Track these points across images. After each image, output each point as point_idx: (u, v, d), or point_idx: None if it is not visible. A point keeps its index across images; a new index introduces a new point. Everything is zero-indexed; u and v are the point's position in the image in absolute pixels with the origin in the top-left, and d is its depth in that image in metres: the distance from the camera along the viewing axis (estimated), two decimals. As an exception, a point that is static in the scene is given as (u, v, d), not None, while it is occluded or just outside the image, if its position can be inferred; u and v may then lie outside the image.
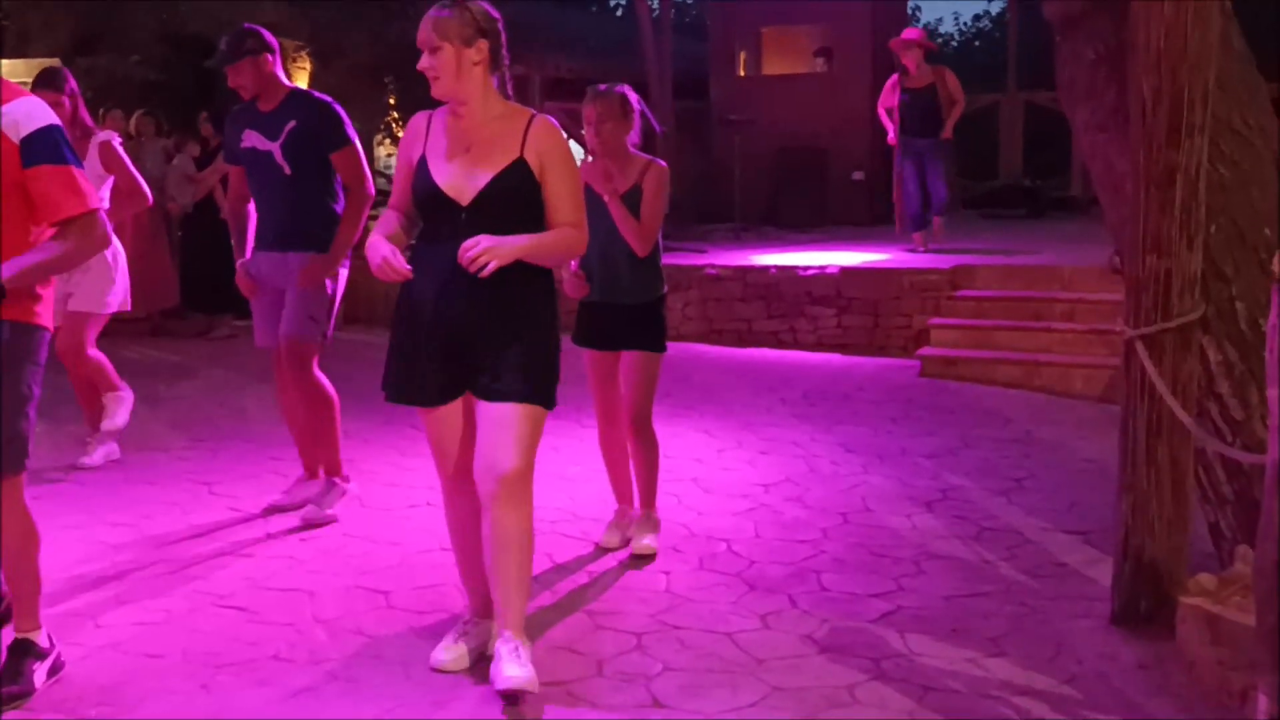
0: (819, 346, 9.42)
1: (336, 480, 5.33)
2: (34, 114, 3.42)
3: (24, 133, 3.37)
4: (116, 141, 5.95)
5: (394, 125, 14.13)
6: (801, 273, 9.54)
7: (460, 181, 3.46)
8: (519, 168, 3.44)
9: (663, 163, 4.72)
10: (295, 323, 5.15)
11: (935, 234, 10.47)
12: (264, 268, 5.27)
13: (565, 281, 4.65)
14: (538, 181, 3.46)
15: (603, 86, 4.63)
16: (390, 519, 5.27)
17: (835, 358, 9.19)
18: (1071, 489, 5.76)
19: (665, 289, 4.85)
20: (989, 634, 4.00)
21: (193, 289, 10.74)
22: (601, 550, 4.86)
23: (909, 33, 10.52)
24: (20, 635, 3.58)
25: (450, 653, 3.71)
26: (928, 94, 10.32)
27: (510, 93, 3.56)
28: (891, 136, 10.52)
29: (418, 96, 14.76)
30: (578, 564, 4.70)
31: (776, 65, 14.32)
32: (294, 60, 15.36)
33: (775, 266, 9.68)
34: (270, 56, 5.16)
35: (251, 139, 5.22)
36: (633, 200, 4.58)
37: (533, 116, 3.51)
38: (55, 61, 9.05)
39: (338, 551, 4.84)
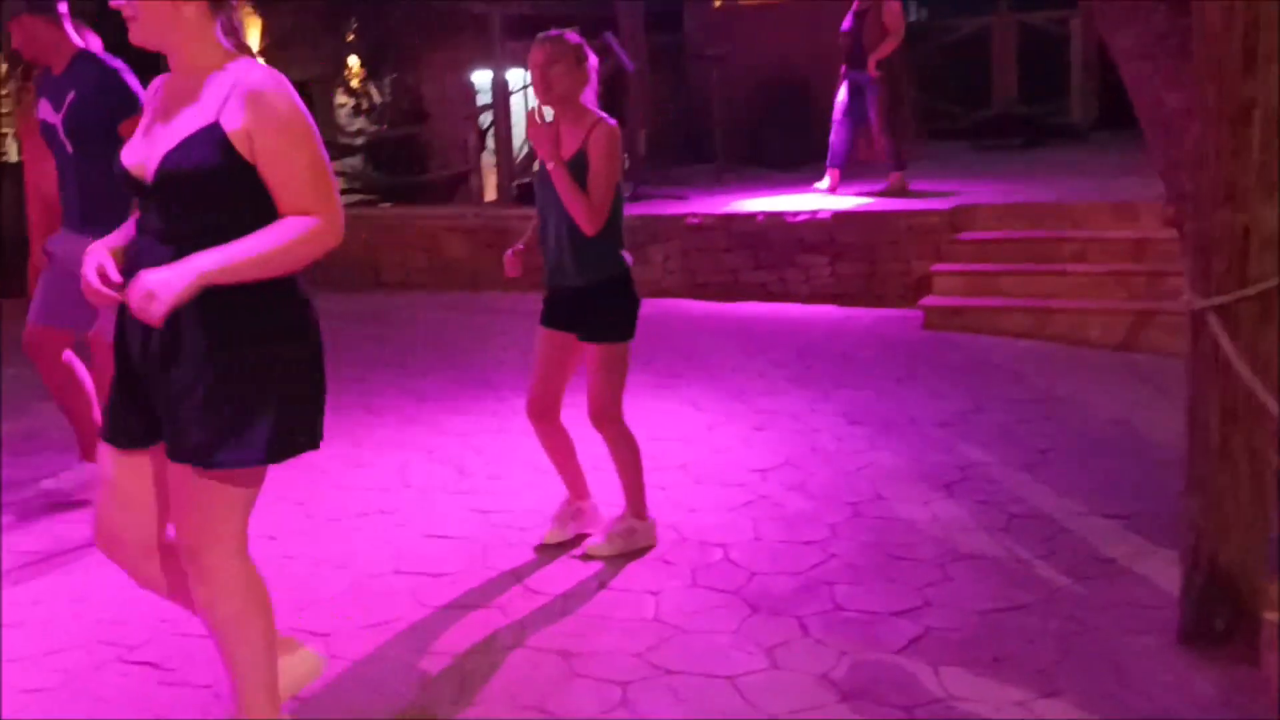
0: (812, 297, 8.75)
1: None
2: None
3: None
4: None
5: (371, 82, 13.26)
6: (790, 219, 8.84)
7: (145, 156, 2.65)
8: (210, 135, 2.57)
9: (612, 121, 4.08)
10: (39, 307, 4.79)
11: (894, 187, 9.46)
12: (62, 245, 4.72)
13: (506, 259, 4.17)
14: (242, 155, 2.58)
15: (554, 31, 4.05)
16: (338, 533, 4.62)
17: (830, 309, 8.53)
18: (1101, 459, 5.16)
19: (627, 265, 4.19)
20: (1036, 663, 3.39)
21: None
22: (588, 556, 4.25)
23: None
24: None
25: None
26: (864, 21, 9.30)
27: (243, 41, 2.72)
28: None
29: (381, 39, 13.99)
30: (548, 585, 4.05)
31: (754, -7, 13.51)
32: (242, 12, 14.49)
33: (762, 213, 8.98)
34: (42, 18, 4.65)
35: (44, 109, 4.72)
36: (577, 164, 3.99)
37: (248, 69, 2.64)
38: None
39: (275, 578, 4.16)
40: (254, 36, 15.22)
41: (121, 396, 2.76)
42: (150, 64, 4.04)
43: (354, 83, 13.04)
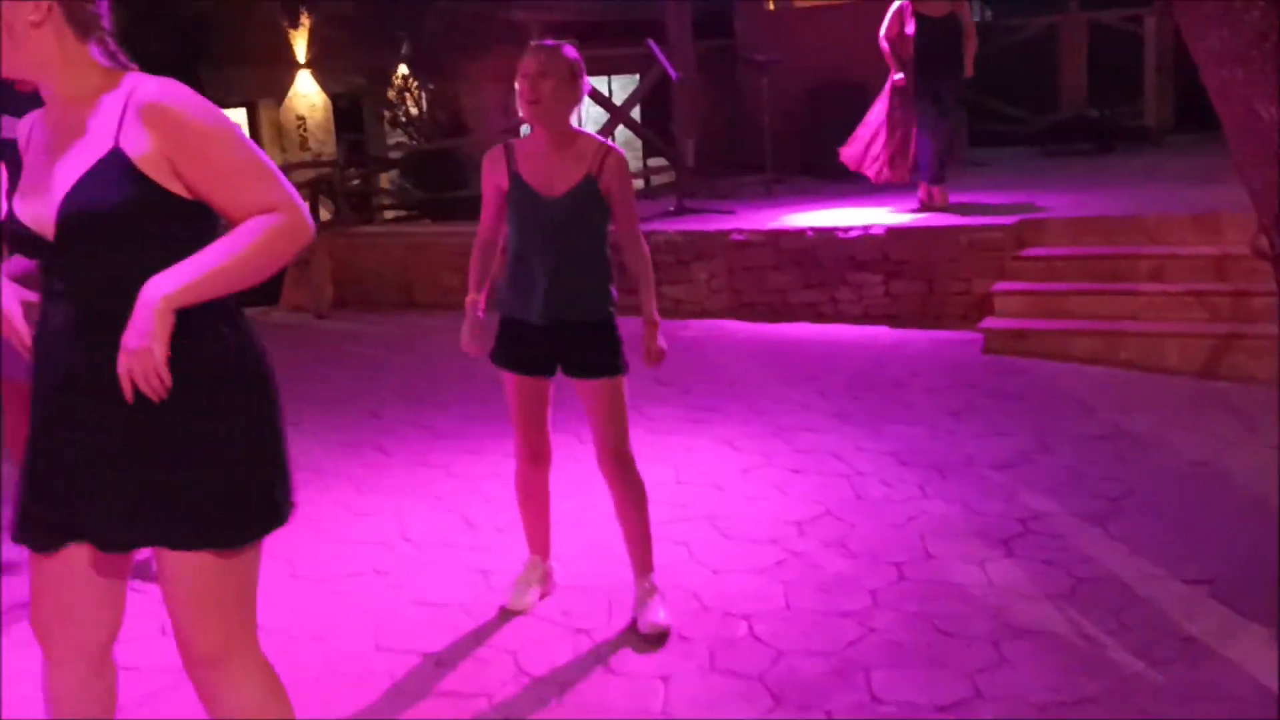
0: (865, 318, 8.22)
1: None
2: None
3: None
4: None
5: (408, 93, 12.82)
6: (842, 235, 8.31)
7: (41, 207, 2.21)
8: (111, 165, 2.16)
9: (619, 149, 3.71)
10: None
11: (936, 199, 8.83)
12: None
13: (465, 332, 3.82)
14: (156, 182, 2.17)
15: (549, 41, 3.62)
16: (323, 596, 4.18)
17: (884, 331, 8.00)
18: (1181, 509, 4.61)
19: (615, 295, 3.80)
20: (1106, 779, 2.88)
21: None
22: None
23: None
24: None
25: None
26: (949, 25, 8.61)
27: (125, 60, 2.29)
28: (901, 77, 8.76)
29: (418, 50, 13.59)
30: (545, 666, 3.58)
31: (809, -5, 12.98)
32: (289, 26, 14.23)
33: (812, 228, 8.45)
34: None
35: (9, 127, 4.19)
36: (585, 194, 3.61)
37: (137, 83, 2.21)
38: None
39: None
40: (300, 49, 14.98)
41: (46, 482, 2.28)
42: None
43: (391, 94, 12.69)
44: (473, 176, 11.74)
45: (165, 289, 2.09)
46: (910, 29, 8.64)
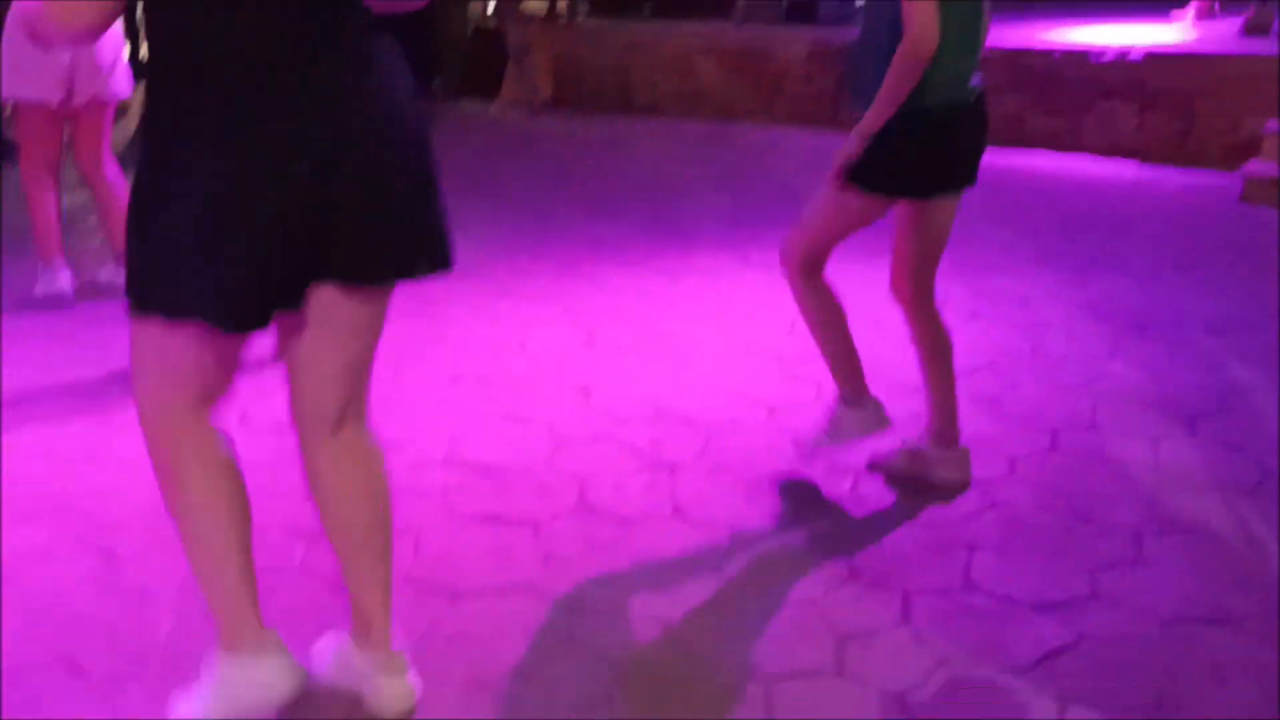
0: (1112, 151, 7.32)
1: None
2: None
3: None
4: None
5: None
6: (1094, 59, 7.37)
7: None
8: None
9: None
10: None
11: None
12: None
13: None
14: None
15: None
16: (416, 401, 3.94)
17: (1129, 168, 7.12)
18: None
19: (930, 101, 2.89)
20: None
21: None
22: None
23: None
24: None
25: None
26: None
27: None
28: None
29: None
30: (611, 503, 3.24)
31: None
32: None
33: (1059, 49, 7.53)
34: None
35: None
36: None
37: None
38: None
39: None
40: None
41: None
42: None
43: None
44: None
45: None
46: None
